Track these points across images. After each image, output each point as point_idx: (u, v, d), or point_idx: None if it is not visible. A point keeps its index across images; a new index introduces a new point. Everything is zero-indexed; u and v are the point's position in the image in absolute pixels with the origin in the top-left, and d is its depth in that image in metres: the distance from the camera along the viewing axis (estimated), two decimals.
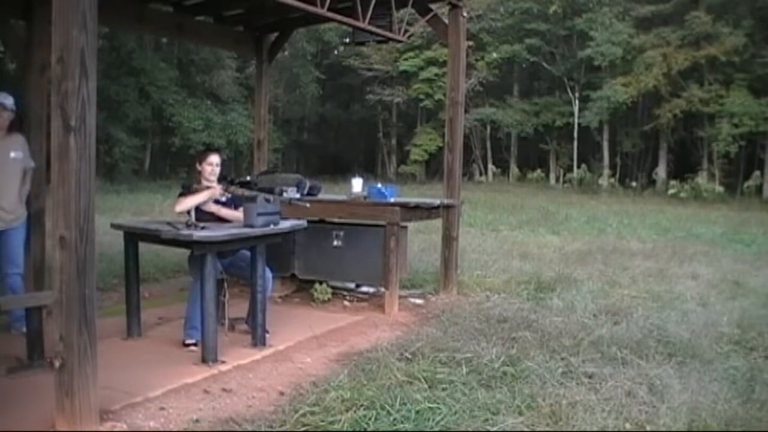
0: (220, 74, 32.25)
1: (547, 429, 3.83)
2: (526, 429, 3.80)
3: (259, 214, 5.28)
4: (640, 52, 31.05)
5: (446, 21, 7.94)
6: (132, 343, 5.53)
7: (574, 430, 3.79)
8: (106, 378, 3.86)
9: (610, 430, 3.78)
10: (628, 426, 3.87)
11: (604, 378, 4.61)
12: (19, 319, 5.25)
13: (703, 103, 29.71)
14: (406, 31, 7.62)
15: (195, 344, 5.28)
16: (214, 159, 5.76)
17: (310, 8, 6.07)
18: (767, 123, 27.99)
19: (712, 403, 4.13)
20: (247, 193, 5.53)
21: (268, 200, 5.41)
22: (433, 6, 7.86)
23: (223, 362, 4.95)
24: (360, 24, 6.73)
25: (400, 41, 7.71)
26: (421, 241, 11.36)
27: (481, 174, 38.13)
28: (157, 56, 30.29)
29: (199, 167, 5.77)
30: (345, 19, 6.71)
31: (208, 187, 5.60)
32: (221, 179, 5.72)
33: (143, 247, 5.71)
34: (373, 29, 7.03)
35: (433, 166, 36.50)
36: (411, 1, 7.31)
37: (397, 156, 41.34)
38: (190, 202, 5.45)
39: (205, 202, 5.56)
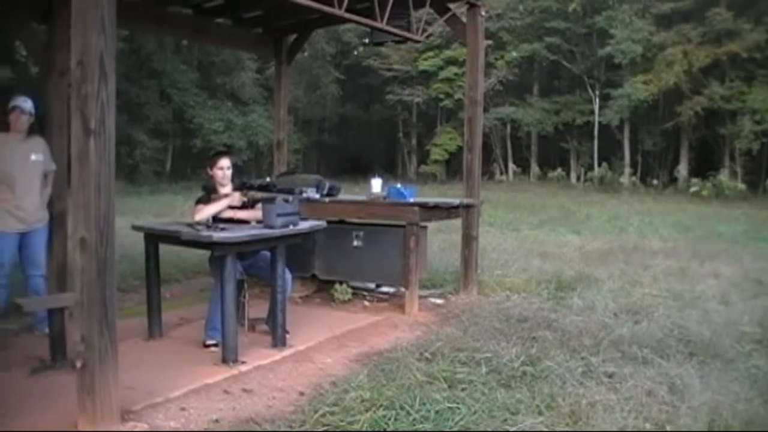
0: (240, 76, 32.38)
1: (567, 429, 3.82)
2: (545, 429, 3.78)
3: (279, 215, 5.29)
4: (660, 50, 30.78)
5: (464, 20, 7.90)
6: (153, 343, 5.57)
7: (594, 430, 3.77)
8: (127, 378, 3.90)
9: (630, 430, 3.76)
10: (648, 426, 3.85)
11: (625, 377, 4.58)
12: (42, 321, 5.30)
13: (724, 100, 29.40)
14: (424, 30, 7.62)
15: (215, 345, 5.29)
16: (224, 162, 5.77)
17: (328, 9, 6.08)
18: None
19: (732, 402, 4.10)
20: (266, 197, 5.54)
21: (287, 200, 5.42)
22: (451, 5, 7.83)
23: (244, 363, 4.97)
24: (378, 24, 6.74)
25: (418, 41, 7.70)
26: (440, 240, 11.33)
27: (501, 173, 38.00)
28: (177, 58, 30.52)
29: (210, 172, 5.79)
30: (363, 20, 6.71)
31: (226, 195, 5.63)
32: (239, 186, 5.74)
33: (164, 248, 5.74)
34: (391, 29, 7.02)
35: (454, 166, 36.38)
36: (429, 0, 7.30)
37: (417, 156, 41.31)
38: (208, 211, 5.47)
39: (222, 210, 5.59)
